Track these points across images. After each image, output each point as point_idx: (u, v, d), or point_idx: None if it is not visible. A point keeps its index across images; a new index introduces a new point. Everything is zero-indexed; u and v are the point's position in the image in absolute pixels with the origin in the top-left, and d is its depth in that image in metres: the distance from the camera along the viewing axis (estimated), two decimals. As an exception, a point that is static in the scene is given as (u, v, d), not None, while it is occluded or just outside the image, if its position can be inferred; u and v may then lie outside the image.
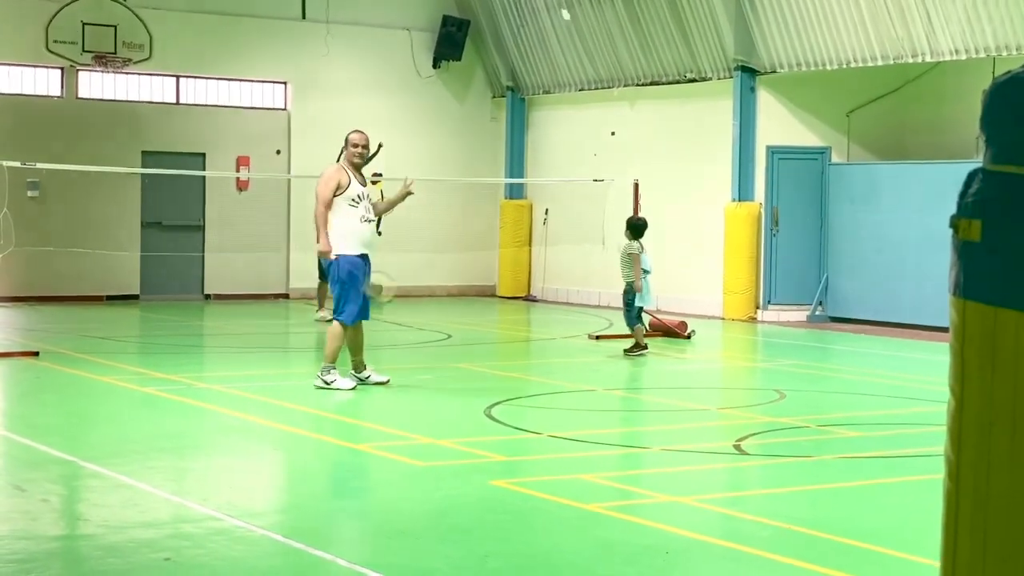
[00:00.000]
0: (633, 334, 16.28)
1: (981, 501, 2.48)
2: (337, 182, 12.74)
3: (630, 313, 16.35)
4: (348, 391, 12.63)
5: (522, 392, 13.23)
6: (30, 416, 11.63)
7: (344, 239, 12.72)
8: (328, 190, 12.71)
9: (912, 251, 20.04)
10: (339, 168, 12.96)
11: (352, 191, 12.76)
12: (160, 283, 23.61)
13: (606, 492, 8.60)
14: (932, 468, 9.25)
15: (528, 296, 25.77)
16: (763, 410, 12.31)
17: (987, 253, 2.58)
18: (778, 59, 21.06)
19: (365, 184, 13.03)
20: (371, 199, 13.10)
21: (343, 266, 12.72)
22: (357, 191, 12.80)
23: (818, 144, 21.63)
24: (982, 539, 2.46)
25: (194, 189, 23.77)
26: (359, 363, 13.03)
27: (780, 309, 21.51)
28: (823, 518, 7.89)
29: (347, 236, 12.72)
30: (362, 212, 12.81)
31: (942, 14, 18.50)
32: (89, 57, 22.68)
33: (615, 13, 23.30)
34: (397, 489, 8.78)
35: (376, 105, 25.28)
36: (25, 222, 20.99)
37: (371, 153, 25.82)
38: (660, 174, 22.51)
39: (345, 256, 12.70)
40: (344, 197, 12.72)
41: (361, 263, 12.81)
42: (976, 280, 2.60)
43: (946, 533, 2.59)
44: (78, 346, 16.31)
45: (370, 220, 12.93)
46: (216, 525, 7.42)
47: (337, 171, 12.90)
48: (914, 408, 12.57)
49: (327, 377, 12.75)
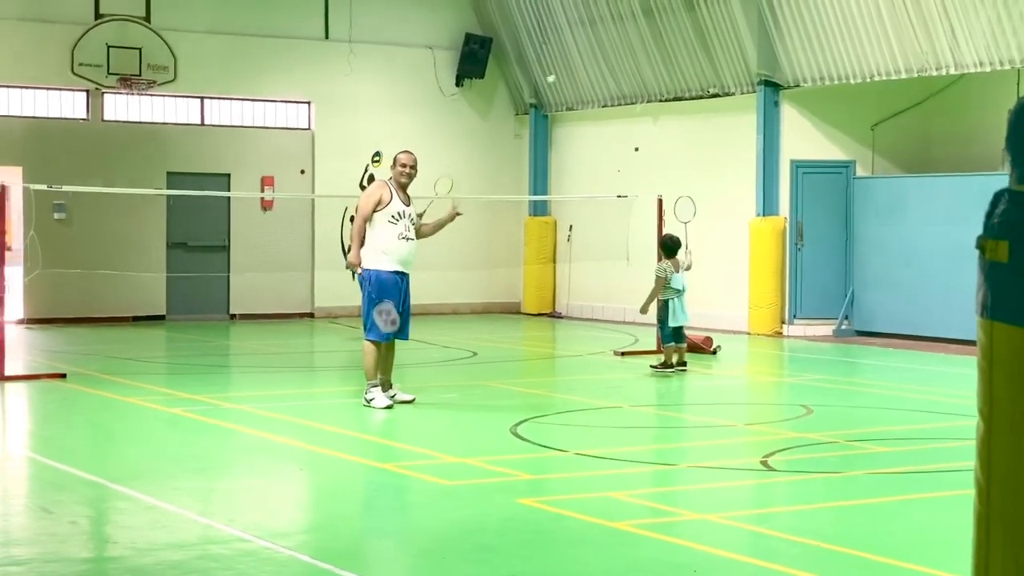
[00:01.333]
0: (664, 352, 16.32)
1: (1012, 524, 2.45)
2: (379, 197, 12.80)
3: (662, 331, 16.41)
4: (383, 409, 12.64)
5: (548, 409, 13.20)
6: (57, 438, 11.66)
7: (380, 255, 12.74)
8: (369, 204, 12.77)
9: (938, 264, 19.95)
10: (382, 184, 13.02)
11: (393, 208, 12.78)
12: (186, 303, 23.68)
13: (633, 510, 8.57)
14: (961, 483, 9.21)
15: (553, 313, 25.75)
16: (790, 426, 12.26)
17: (1014, 274, 2.54)
18: (801, 73, 21.02)
19: (409, 203, 13.00)
20: (416, 218, 13.07)
21: (374, 282, 12.73)
22: (398, 208, 12.81)
23: (842, 158, 21.57)
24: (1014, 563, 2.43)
25: (219, 209, 23.85)
26: (386, 382, 13.03)
27: (806, 323, 21.43)
28: (851, 535, 7.84)
29: (383, 252, 12.74)
30: (401, 230, 12.81)
31: (966, 27, 18.44)
32: (114, 79, 22.80)
33: (638, 29, 23.30)
34: (423, 508, 8.77)
35: (399, 124, 25.33)
36: (52, 244, 21.11)
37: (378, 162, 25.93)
38: (684, 189, 22.38)
39: (378, 272, 12.71)
40: (384, 213, 12.74)
41: (396, 280, 12.80)
42: (1004, 301, 2.57)
43: (977, 556, 2.56)
44: (105, 367, 16.36)
45: (409, 239, 12.90)
46: (243, 546, 7.42)
47: (380, 187, 12.97)
48: (942, 423, 12.50)
49: (367, 395, 12.81)
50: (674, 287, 16.20)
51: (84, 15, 22.77)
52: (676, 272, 16.31)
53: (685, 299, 16.33)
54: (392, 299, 12.74)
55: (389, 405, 12.73)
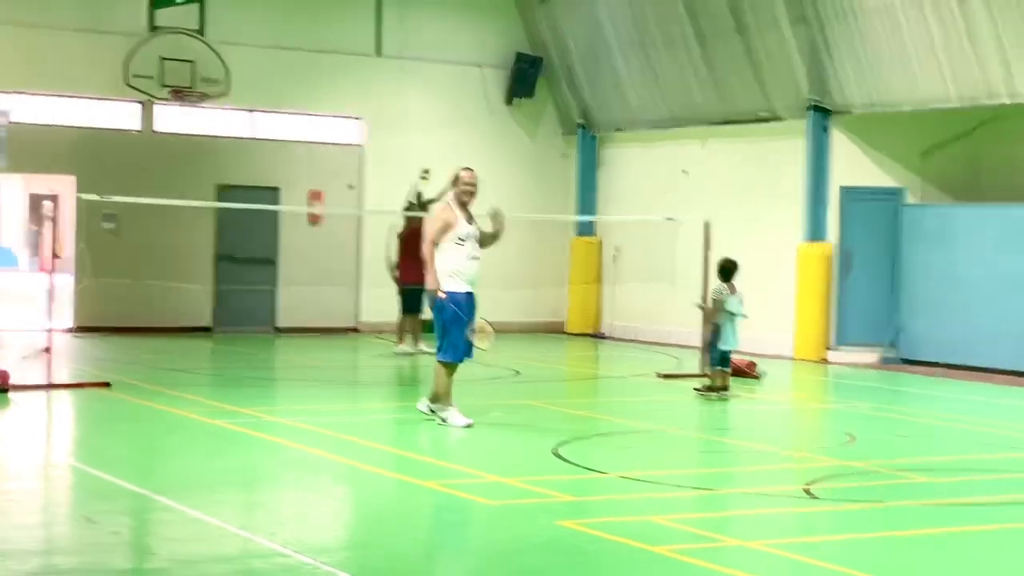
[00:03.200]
0: (710, 376, 16.24)
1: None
2: (444, 221, 12.77)
3: (711, 354, 16.33)
4: (462, 427, 12.63)
5: (590, 431, 13.17)
6: (101, 447, 11.74)
7: (451, 277, 12.73)
8: (435, 230, 12.76)
9: (987, 292, 19.79)
10: (446, 207, 12.97)
11: (460, 230, 12.75)
12: (232, 316, 23.78)
13: (674, 535, 8.53)
14: (1008, 517, 9.13)
15: (597, 333, 25.70)
16: (833, 453, 12.18)
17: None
18: (852, 99, 20.93)
19: (472, 221, 12.96)
20: (479, 236, 12.99)
21: (447, 305, 12.73)
22: (465, 230, 12.78)
23: (892, 184, 21.44)
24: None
25: (267, 223, 23.95)
26: (437, 397, 13.04)
27: (851, 350, 21.30)
28: (895, 566, 7.78)
29: (455, 273, 12.74)
30: (469, 250, 12.80)
31: (1019, 55, 18.31)
32: (167, 92, 22.96)
33: (688, 52, 23.25)
34: (465, 528, 8.76)
35: (448, 141, 25.38)
36: (101, 254, 21.28)
37: (444, 188, 26.01)
38: (732, 213, 22.39)
39: (452, 294, 12.71)
40: (452, 235, 12.72)
41: (466, 301, 12.82)
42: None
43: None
44: (150, 377, 16.45)
45: (476, 258, 12.89)
46: (284, 561, 7.44)
47: (444, 210, 12.93)
48: (988, 454, 12.38)
49: (443, 414, 12.81)
50: (728, 310, 16.12)
51: (138, 27, 22.96)
52: (731, 295, 16.22)
53: (738, 324, 16.22)
54: (464, 321, 12.76)
55: (469, 423, 12.72)
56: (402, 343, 20.53)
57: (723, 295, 16.21)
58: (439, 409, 12.85)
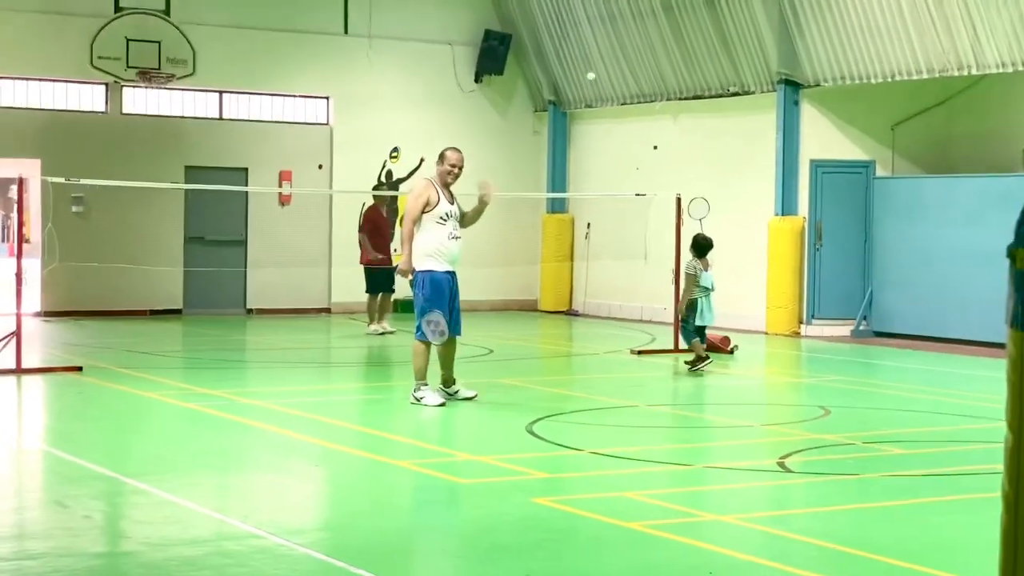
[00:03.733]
0: (692, 348, 16.22)
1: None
2: (427, 199, 12.68)
3: (685, 329, 16.32)
4: (436, 407, 12.59)
5: (564, 408, 13.16)
6: (73, 432, 11.66)
7: (431, 256, 12.67)
8: (417, 207, 12.64)
9: (958, 265, 19.86)
10: (429, 184, 12.87)
11: (441, 209, 12.69)
12: (203, 297, 23.69)
13: (649, 510, 8.52)
14: (979, 487, 9.16)
15: (570, 311, 25.70)
16: (807, 427, 12.20)
17: (1047, 284, 2.47)
18: (822, 72, 20.94)
19: (453, 201, 12.91)
20: (460, 215, 12.97)
21: (428, 284, 12.66)
22: (446, 209, 12.74)
23: (862, 158, 21.48)
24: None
25: (237, 204, 23.86)
26: (448, 378, 13.04)
27: (824, 324, 21.35)
28: (869, 537, 7.78)
29: (434, 254, 12.68)
30: (450, 229, 12.74)
31: (988, 26, 18.34)
32: (133, 73, 22.81)
33: (658, 26, 23.23)
34: (438, 506, 8.74)
35: (418, 119, 25.31)
36: (69, 237, 21.12)
37: (414, 167, 25.91)
38: (703, 188, 22.34)
39: (431, 273, 12.65)
40: (432, 214, 12.66)
41: (448, 280, 12.76)
42: (1035, 312, 2.51)
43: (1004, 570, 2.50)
44: (121, 361, 16.37)
45: (458, 237, 12.85)
46: (258, 543, 7.40)
47: (427, 187, 12.81)
48: (961, 425, 12.42)
49: (417, 394, 12.75)
50: (703, 285, 16.12)
51: (104, 8, 22.78)
52: (705, 271, 16.19)
53: (713, 299, 16.20)
54: (444, 300, 12.69)
55: (442, 403, 12.68)
56: (373, 324, 20.50)
57: (697, 270, 16.18)
58: (414, 388, 12.79)
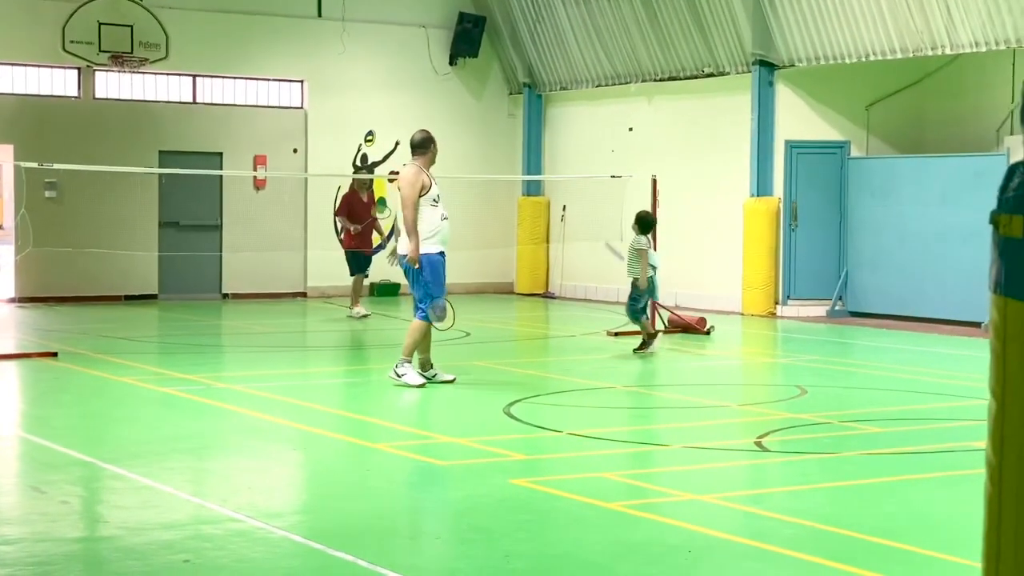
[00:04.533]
0: (641, 330, 16.10)
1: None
2: (421, 183, 12.81)
3: (633, 308, 16.12)
4: (417, 387, 12.68)
5: (541, 390, 13.17)
6: (49, 417, 11.62)
7: (428, 239, 12.83)
8: (415, 192, 12.74)
9: (932, 245, 19.93)
10: (419, 169, 12.97)
11: (434, 191, 12.93)
12: (178, 283, 23.61)
13: (627, 490, 8.54)
14: (956, 464, 9.21)
15: (546, 293, 25.71)
16: (784, 406, 12.24)
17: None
18: (796, 53, 20.96)
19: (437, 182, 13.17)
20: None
21: (427, 266, 12.77)
22: (437, 191, 12.97)
23: (837, 138, 21.52)
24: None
25: (211, 188, 23.77)
26: (426, 361, 13.07)
27: (800, 304, 21.41)
28: (846, 515, 7.82)
29: (431, 235, 12.83)
30: (441, 210, 12.98)
31: (962, 6, 18.38)
32: (106, 57, 22.68)
33: (632, 7, 23.21)
34: (417, 489, 8.74)
35: (393, 103, 25.26)
36: (43, 223, 21.01)
37: (389, 151, 25.86)
38: (678, 169, 22.43)
39: (428, 256, 12.78)
40: (427, 198, 12.83)
41: (442, 261, 12.91)
42: (1018, 278, 2.52)
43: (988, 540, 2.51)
44: (96, 346, 16.31)
45: (447, 217, 13.08)
46: (236, 527, 7.39)
47: (418, 173, 12.93)
48: (937, 403, 12.48)
49: (399, 370, 12.82)
50: (652, 264, 16.03)
51: (75, -8, 22.64)
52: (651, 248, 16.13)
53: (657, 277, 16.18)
54: (444, 281, 12.92)
55: (423, 383, 12.76)
56: (356, 307, 20.42)
57: (647, 245, 16.03)
58: (398, 363, 12.82)
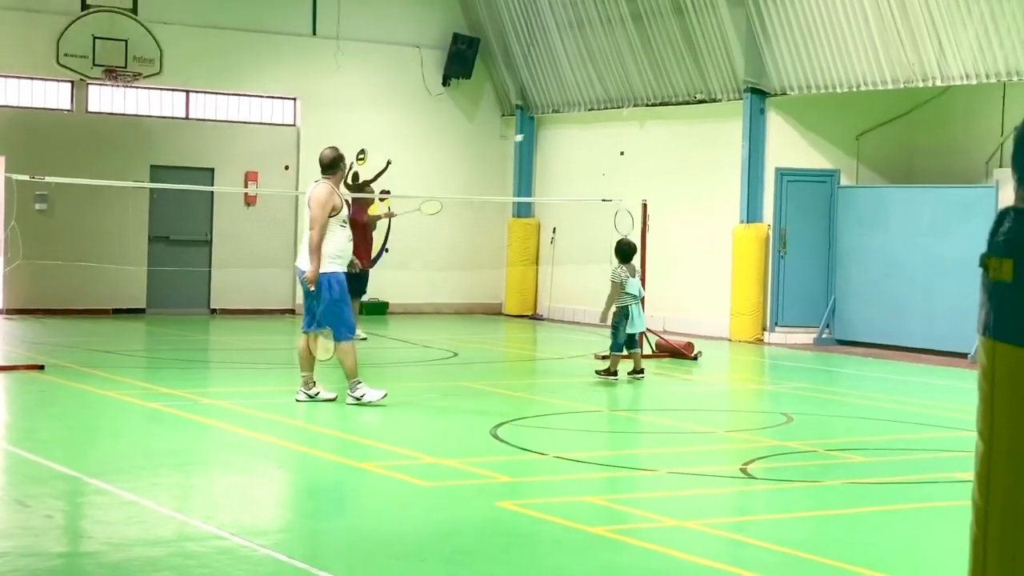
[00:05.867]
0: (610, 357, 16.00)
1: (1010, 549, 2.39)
2: (333, 204, 12.79)
3: (615, 338, 15.88)
4: (380, 401, 12.70)
5: (528, 412, 13.17)
6: (34, 430, 11.59)
7: (334, 259, 12.79)
8: (325, 214, 12.69)
9: (920, 275, 19.98)
10: (331, 189, 12.92)
11: (344, 212, 12.95)
12: (166, 297, 23.59)
13: (612, 515, 8.55)
14: (940, 495, 9.22)
15: (534, 315, 25.72)
16: (770, 433, 12.25)
17: (1018, 293, 2.49)
18: (788, 81, 21.04)
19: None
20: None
21: (335, 285, 12.77)
22: (346, 212, 13.04)
23: (827, 167, 21.58)
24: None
25: (202, 204, 23.76)
26: (309, 379, 13.01)
27: (787, 331, 21.44)
28: (830, 544, 7.83)
29: (337, 256, 12.81)
30: (348, 232, 13.02)
31: (953, 39, 18.48)
32: (99, 71, 22.70)
33: (625, 32, 23.29)
34: (401, 509, 8.73)
35: (385, 122, 25.29)
36: (33, 235, 20.99)
37: (380, 169, 25.95)
38: (669, 194, 22.47)
39: (336, 275, 12.77)
40: (337, 219, 12.79)
41: (343, 282, 12.92)
42: (1007, 321, 2.53)
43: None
44: (83, 360, 16.28)
45: (352, 239, 13.12)
46: (220, 544, 7.38)
47: (331, 193, 12.87)
48: (922, 434, 12.50)
49: (356, 393, 12.77)
50: (630, 292, 15.80)
51: (70, 5, 22.66)
52: (632, 277, 15.91)
53: (640, 305, 15.97)
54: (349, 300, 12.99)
55: (384, 394, 12.79)
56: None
57: (623, 277, 15.92)
58: (350, 387, 12.80)
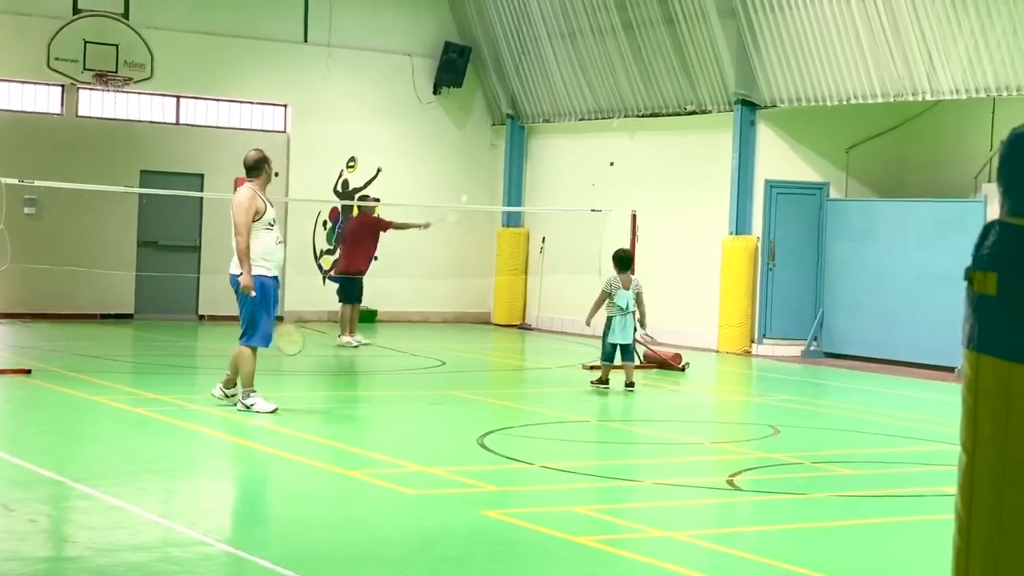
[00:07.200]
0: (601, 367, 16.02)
1: (992, 560, 2.40)
2: (255, 208, 12.65)
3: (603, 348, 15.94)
4: (269, 413, 12.50)
5: (515, 421, 13.16)
6: (20, 435, 11.56)
7: (261, 261, 12.64)
8: (249, 218, 12.57)
9: (908, 288, 20.02)
10: (254, 193, 12.79)
11: (268, 215, 12.74)
12: (155, 303, 23.54)
13: (597, 525, 8.54)
14: (926, 509, 9.23)
15: (523, 324, 25.72)
16: (757, 445, 12.26)
17: (1002, 307, 2.50)
18: (779, 94, 21.07)
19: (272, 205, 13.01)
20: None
21: (258, 289, 12.61)
22: (272, 214, 12.82)
23: (817, 179, 21.62)
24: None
25: (191, 210, 23.72)
26: (231, 381, 12.95)
27: (775, 343, 21.46)
28: (815, 557, 7.83)
29: (263, 258, 12.66)
30: (276, 234, 12.84)
31: (943, 53, 18.53)
32: (90, 75, 22.66)
33: (616, 43, 23.32)
34: (387, 517, 8.71)
35: (376, 130, 25.29)
36: (21, 239, 20.92)
37: (370, 177, 25.87)
38: (658, 205, 22.50)
39: (261, 278, 12.63)
40: (261, 222, 12.66)
41: (274, 285, 12.80)
42: (991, 334, 2.54)
43: (955, 592, 2.53)
44: (71, 364, 16.25)
45: (282, 241, 12.98)
46: (205, 550, 7.36)
47: (253, 197, 12.71)
48: (909, 447, 12.52)
49: (247, 401, 12.65)
50: (618, 304, 15.69)
51: (61, 9, 22.62)
52: (624, 289, 15.73)
53: (631, 318, 15.75)
54: (271, 305, 12.82)
55: (274, 408, 12.59)
56: (345, 335, 20.18)
57: (612, 288, 15.80)
58: (243, 395, 12.72)
